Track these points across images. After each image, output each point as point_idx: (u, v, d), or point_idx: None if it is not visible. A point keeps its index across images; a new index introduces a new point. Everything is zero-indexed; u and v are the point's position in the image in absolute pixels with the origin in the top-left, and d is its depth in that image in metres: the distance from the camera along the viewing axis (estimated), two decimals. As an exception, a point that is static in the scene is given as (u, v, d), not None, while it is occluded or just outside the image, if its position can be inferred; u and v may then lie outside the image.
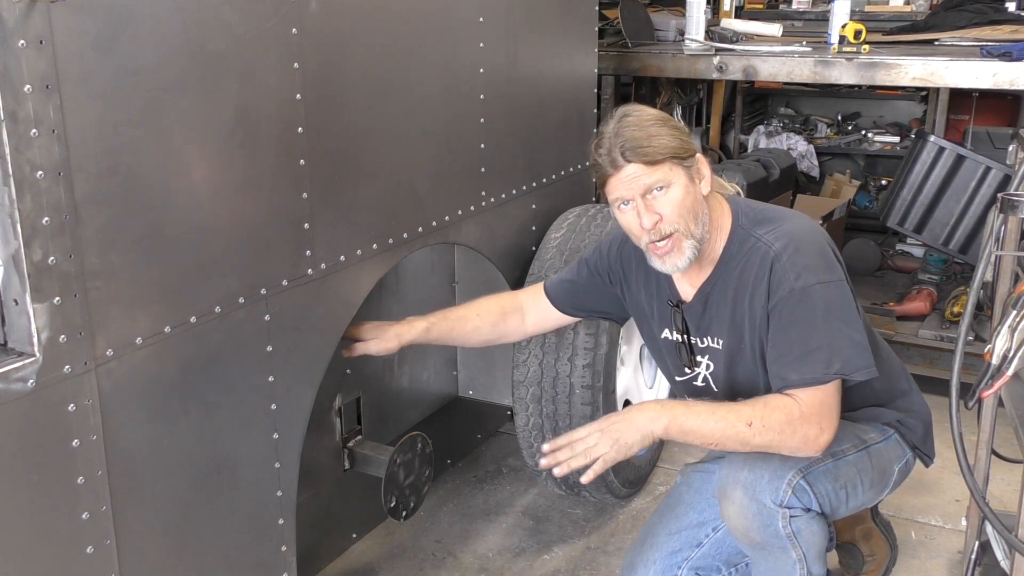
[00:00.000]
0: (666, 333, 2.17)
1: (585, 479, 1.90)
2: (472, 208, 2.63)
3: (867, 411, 2.13)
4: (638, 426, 1.90)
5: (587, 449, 1.90)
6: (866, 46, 3.59)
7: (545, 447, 1.95)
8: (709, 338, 2.09)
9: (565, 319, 2.44)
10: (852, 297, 1.96)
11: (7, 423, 1.47)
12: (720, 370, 2.09)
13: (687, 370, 2.15)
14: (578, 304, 2.39)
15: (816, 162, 5.33)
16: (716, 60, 3.68)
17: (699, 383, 2.15)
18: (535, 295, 2.44)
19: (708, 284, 2.06)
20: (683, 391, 2.21)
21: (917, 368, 3.53)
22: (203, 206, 1.77)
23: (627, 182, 1.93)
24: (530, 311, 2.43)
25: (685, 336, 2.12)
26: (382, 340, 2.27)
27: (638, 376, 3.14)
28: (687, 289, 2.11)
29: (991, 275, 2.21)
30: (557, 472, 1.90)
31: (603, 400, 2.72)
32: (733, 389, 2.07)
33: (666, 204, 1.93)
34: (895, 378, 2.20)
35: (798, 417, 1.87)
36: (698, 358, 2.12)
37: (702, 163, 2.00)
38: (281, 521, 2.06)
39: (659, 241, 1.96)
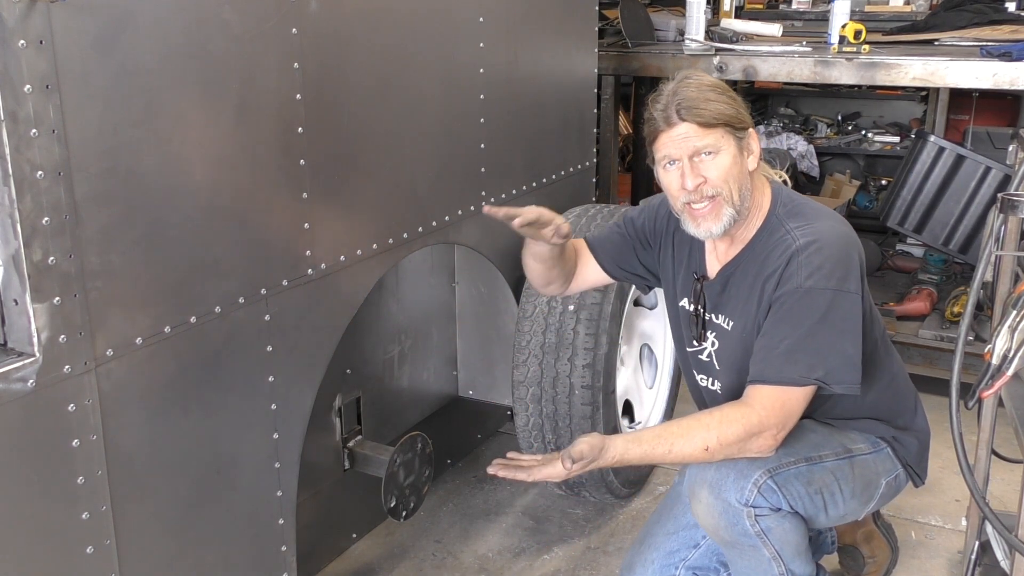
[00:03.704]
0: (684, 302, 2.17)
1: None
2: (472, 208, 2.63)
3: (864, 422, 2.12)
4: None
5: (540, 477, 1.90)
6: (866, 46, 3.58)
7: (498, 467, 1.93)
8: (722, 317, 2.09)
9: (602, 278, 2.33)
10: (859, 313, 1.93)
11: (7, 423, 1.47)
12: (725, 351, 2.09)
13: (695, 343, 2.16)
14: (620, 261, 2.29)
15: (816, 162, 5.33)
16: (716, 60, 3.68)
17: (704, 358, 2.15)
18: (581, 248, 2.31)
19: (732, 265, 2.05)
20: (691, 363, 2.21)
21: (917, 368, 3.53)
22: (203, 206, 1.77)
23: (678, 141, 1.91)
24: (578, 262, 2.31)
25: (700, 309, 2.12)
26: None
27: (638, 376, 3.14)
28: (714, 264, 2.10)
29: (991, 275, 2.21)
30: (490, 470, 1.91)
31: (603, 400, 2.72)
32: (735, 371, 2.06)
33: (712, 169, 1.92)
34: (902, 396, 2.19)
35: (756, 424, 1.88)
36: (707, 333, 2.12)
37: (753, 138, 1.99)
38: (281, 521, 2.06)
39: (698, 203, 1.94)
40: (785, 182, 2.14)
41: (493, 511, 2.99)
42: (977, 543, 2.29)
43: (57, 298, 1.51)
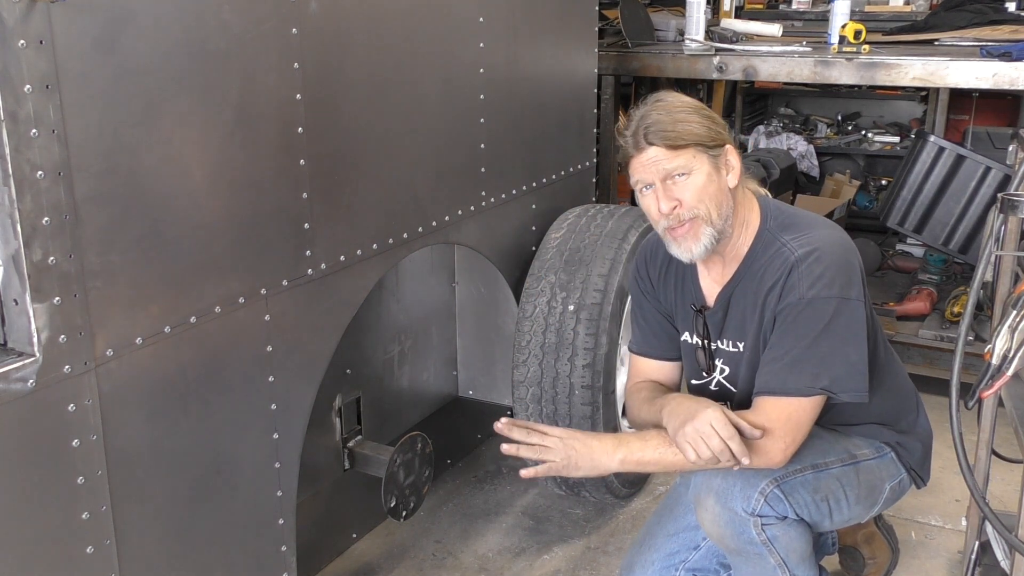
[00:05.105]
0: (686, 336, 2.15)
1: (524, 473, 1.95)
2: (472, 208, 2.63)
3: (868, 428, 2.11)
4: (593, 456, 1.90)
5: (543, 449, 1.91)
6: (866, 46, 3.58)
7: (502, 422, 1.93)
8: (727, 341, 2.07)
9: (676, 365, 2.25)
10: (864, 319, 1.92)
11: (7, 423, 1.47)
12: (737, 373, 2.07)
13: (704, 375, 2.13)
14: (668, 338, 2.21)
15: (816, 162, 5.32)
16: (716, 60, 3.68)
17: (712, 387, 2.12)
18: (644, 371, 2.24)
19: (730, 286, 2.03)
20: (700, 395, 2.18)
21: (917, 368, 3.53)
22: (203, 206, 1.77)
23: (647, 165, 1.91)
24: (660, 381, 2.24)
25: (705, 341, 2.10)
26: None
27: (638, 376, 3.14)
28: (711, 287, 2.08)
29: (991, 275, 2.21)
30: (504, 448, 1.91)
31: (603, 400, 2.72)
32: (750, 392, 2.03)
33: (686, 190, 1.90)
34: (904, 399, 2.19)
35: (761, 436, 1.86)
36: (715, 362, 2.11)
37: (731, 154, 1.96)
38: (281, 521, 2.06)
39: (677, 227, 1.93)
40: (765, 194, 2.13)
41: (493, 511, 2.99)
42: (977, 543, 2.29)
43: (57, 298, 1.51)
